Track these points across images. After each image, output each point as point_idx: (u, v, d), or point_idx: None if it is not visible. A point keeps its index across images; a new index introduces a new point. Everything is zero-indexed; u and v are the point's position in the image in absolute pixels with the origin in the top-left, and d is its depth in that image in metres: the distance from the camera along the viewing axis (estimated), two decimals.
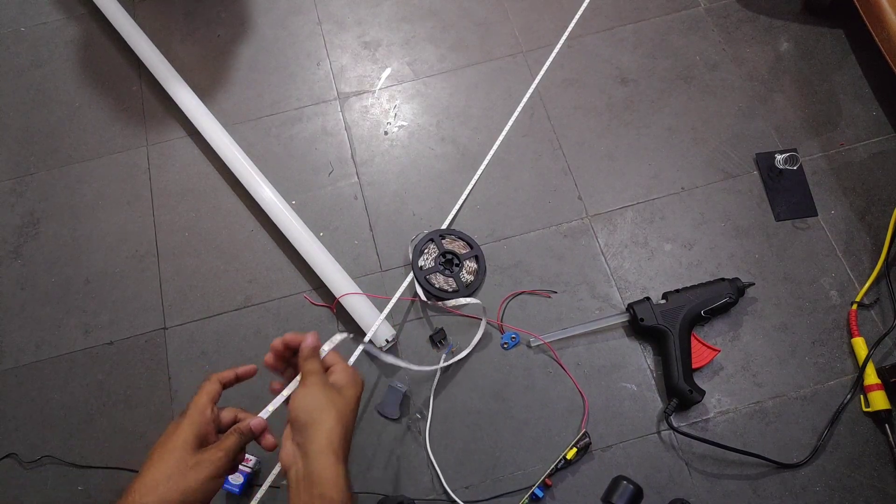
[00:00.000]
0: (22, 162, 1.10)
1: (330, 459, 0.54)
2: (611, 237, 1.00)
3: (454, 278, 0.96)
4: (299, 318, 0.96)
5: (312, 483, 0.53)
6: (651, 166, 1.05)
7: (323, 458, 0.54)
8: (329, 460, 0.54)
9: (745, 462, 0.86)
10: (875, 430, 0.87)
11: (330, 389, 0.59)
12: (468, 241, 0.99)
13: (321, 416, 0.56)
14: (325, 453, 0.54)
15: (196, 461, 0.53)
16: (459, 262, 0.97)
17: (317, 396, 0.57)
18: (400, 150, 1.08)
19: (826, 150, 1.04)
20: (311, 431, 0.55)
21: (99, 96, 1.15)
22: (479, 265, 0.97)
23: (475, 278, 0.97)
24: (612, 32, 1.15)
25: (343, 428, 0.56)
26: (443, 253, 0.97)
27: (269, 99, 1.13)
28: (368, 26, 1.18)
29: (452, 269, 0.97)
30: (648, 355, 0.93)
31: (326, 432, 0.55)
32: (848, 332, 0.93)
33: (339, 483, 0.53)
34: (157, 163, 1.09)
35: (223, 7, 1.21)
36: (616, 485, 0.83)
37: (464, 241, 0.99)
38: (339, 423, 0.56)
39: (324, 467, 0.53)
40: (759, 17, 1.15)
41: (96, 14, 1.19)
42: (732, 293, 0.91)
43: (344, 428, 0.56)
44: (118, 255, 1.02)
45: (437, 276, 0.96)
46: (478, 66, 1.14)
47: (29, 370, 0.95)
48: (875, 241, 0.97)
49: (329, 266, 0.95)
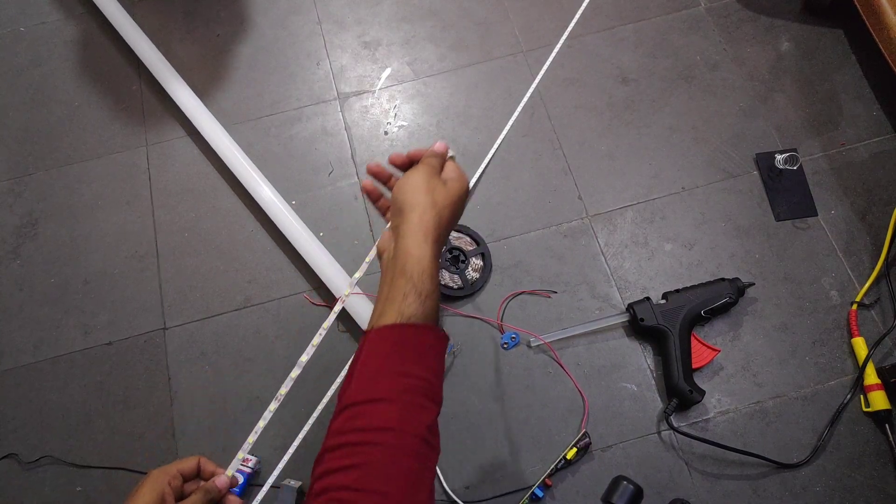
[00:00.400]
0: (21, 162, 1.10)
1: (418, 238, 0.53)
2: (611, 237, 1.00)
3: (459, 275, 0.96)
4: (299, 317, 0.96)
5: (398, 259, 0.53)
6: (651, 166, 1.05)
7: (411, 237, 0.53)
8: (417, 239, 0.53)
9: (745, 462, 0.86)
10: (875, 430, 0.87)
11: (435, 178, 0.57)
12: (475, 237, 0.99)
13: (418, 199, 0.55)
14: (415, 233, 0.53)
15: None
16: (465, 259, 0.97)
17: (419, 180, 0.56)
18: (400, 150, 1.08)
19: (826, 150, 1.04)
20: (406, 213, 0.54)
21: (99, 96, 1.15)
22: (484, 263, 0.97)
23: (480, 276, 0.96)
24: (612, 32, 1.15)
25: (438, 215, 0.54)
26: (449, 249, 0.97)
27: (269, 99, 1.13)
28: (368, 26, 1.18)
29: (458, 265, 0.97)
30: (648, 355, 0.93)
31: (420, 214, 0.54)
32: (848, 332, 0.92)
33: (423, 262, 0.52)
34: (157, 163, 1.09)
35: (222, 7, 1.21)
36: (616, 485, 0.83)
37: (470, 237, 0.99)
38: (434, 209, 0.54)
39: (411, 245, 0.52)
40: (759, 16, 1.15)
41: (96, 13, 1.19)
42: (732, 293, 0.91)
43: (439, 216, 0.54)
44: (117, 256, 1.02)
45: (442, 272, 0.96)
46: (478, 65, 1.14)
47: (28, 371, 0.95)
48: (875, 241, 0.97)
49: (329, 266, 0.95)
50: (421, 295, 0.51)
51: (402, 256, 0.52)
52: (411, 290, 0.51)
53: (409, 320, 0.50)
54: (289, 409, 0.91)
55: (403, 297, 0.51)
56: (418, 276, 0.51)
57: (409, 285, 0.51)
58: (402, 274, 0.52)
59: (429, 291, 0.52)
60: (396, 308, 0.50)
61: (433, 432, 0.48)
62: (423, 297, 0.51)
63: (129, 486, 0.88)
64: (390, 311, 0.51)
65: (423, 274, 0.51)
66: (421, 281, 0.51)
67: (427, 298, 0.51)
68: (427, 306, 0.51)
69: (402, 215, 0.55)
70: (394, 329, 0.50)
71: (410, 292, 0.51)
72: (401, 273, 0.52)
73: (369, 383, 0.48)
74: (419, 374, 0.48)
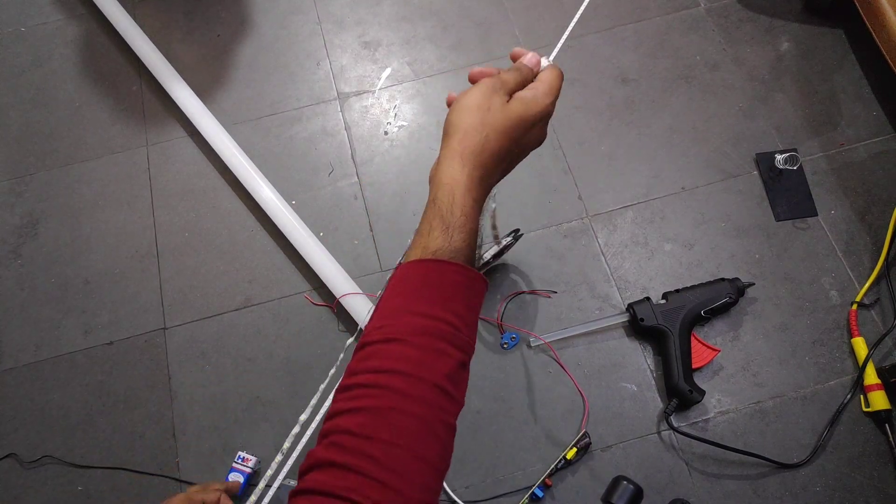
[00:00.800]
0: (21, 162, 1.10)
1: (453, 164, 0.46)
2: (611, 237, 1.00)
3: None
4: (299, 317, 0.96)
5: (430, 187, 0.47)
6: (651, 166, 1.05)
7: (446, 162, 0.47)
8: (452, 164, 0.46)
9: (745, 462, 0.86)
10: (875, 430, 0.87)
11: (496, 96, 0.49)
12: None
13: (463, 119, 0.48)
14: (451, 158, 0.47)
15: None
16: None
17: (474, 97, 0.49)
18: (400, 150, 1.08)
19: (826, 150, 1.04)
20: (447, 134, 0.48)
21: (99, 96, 1.15)
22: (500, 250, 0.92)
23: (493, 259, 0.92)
24: (612, 32, 1.15)
25: (483, 140, 0.47)
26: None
27: (269, 99, 1.13)
28: (368, 26, 1.18)
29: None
30: (648, 355, 0.93)
31: (461, 137, 0.47)
32: (848, 332, 0.92)
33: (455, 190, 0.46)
34: (158, 163, 1.09)
35: (223, 7, 1.21)
36: (616, 485, 0.83)
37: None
38: (480, 133, 0.47)
39: (444, 171, 0.46)
40: (759, 17, 1.15)
41: (96, 14, 1.19)
42: (732, 293, 0.91)
43: (484, 141, 0.47)
44: (118, 255, 1.02)
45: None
46: (478, 66, 1.14)
47: (29, 370, 0.95)
48: (875, 241, 0.97)
49: (329, 266, 0.95)
50: (449, 227, 0.45)
51: (434, 184, 0.47)
52: (438, 221, 0.45)
53: (434, 255, 0.44)
54: (289, 409, 0.91)
55: (430, 229, 0.45)
56: (447, 206, 0.45)
57: (436, 216, 0.45)
58: (431, 203, 0.46)
59: (459, 224, 0.45)
60: (422, 241, 0.45)
61: (454, 381, 0.43)
62: (450, 230, 0.45)
63: (130, 485, 0.88)
64: (416, 245, 0.46)
65: (453, 204, 0.45)
66: (450, 212, 0.45)
67: (456, 231, 0.45)
68: (455, 240, 0.45)
69: (444, 137, 0.48)
70: (418, 265, 0.45)
71: (437, 224, 0.45)
72: (431, 202, 0.46)
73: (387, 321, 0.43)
74: (441, 317, 0.43)
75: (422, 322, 0.43)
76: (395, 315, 0.44)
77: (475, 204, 0.47)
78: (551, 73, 0.53)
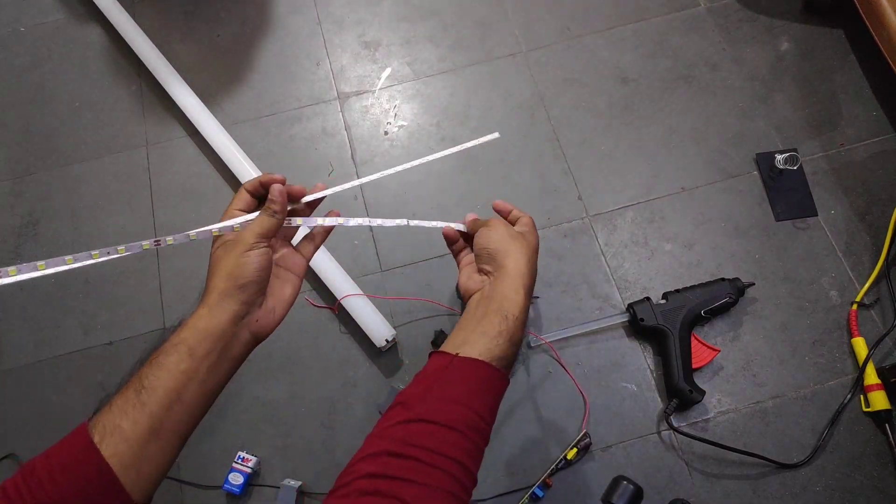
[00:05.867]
0: (21, 162, 1.10)
1: (517, 283, 0.55)
2: (611, 237, 1.00)
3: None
4: (299, 318, 0.96)
5: (493, 299, 0.54)
6: (651, 166, 1.05)
7: (510, 280, 0.55)
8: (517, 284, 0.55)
9: (745, 462, 0.86)
10: (875, 430, 0.87)
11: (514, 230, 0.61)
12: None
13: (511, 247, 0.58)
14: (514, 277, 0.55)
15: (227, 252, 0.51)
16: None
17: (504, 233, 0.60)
18: (400, 150, 1.08)
19: (826, 150, 1.04)
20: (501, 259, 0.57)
21: (99, 96, 1.15)
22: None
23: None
24: (612, 32, 1.15)
25: (528, 264, 0.57)
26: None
27: (269, 99, 1.13)
28: (368, 26, 1.18)
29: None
30: (648, 355, 0.93)
31: (516, 261, 0.56)
32: (848, 332, 0.92)
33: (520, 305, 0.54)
34: (157, 163, 1.09)
35: (222, 7, 1.21)
36: (616, 485, 0.83)
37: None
38: (526, 257, 0.57)
39: (510, 288, 0.55)
40: (759, 17, 1.15)
41: (96, 14, 1.19)
42: (732, 293, 0.91)
43: (529, 264, 0.57)
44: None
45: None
46: (478, 65, 1.14)
47: (28, 370, 0.95)
48: (875, 241, 0.97)
49: (329, 266, 0.95)
50: (512, 339, 0.52)
51: (500, 298, 0.54)
52: (505, 331, 0.52)
53: (495, 362, 0.51)
54: (289, 409, 0.91)
55: (497, 334, 0.52)
56: (514, 319, 0.53)
57: (504, 326, 0.52)
58: (497, 312, 0.53)
59: (518, 339, 0.53)
60: (486, 343, 0.52)
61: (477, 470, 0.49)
62: (512, 342, 0.52)
63: None
64: (479, 343, 0.52)
65: (518, 319, 0.53)
66: (516, 326, 0.53)
67: (515, 345, 0.53)
68: (512, 353, 0.52)
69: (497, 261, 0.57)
70: (481, 367, 0.51)
71: (504, 333, 0.52)
72: (496, 311, 0.53)
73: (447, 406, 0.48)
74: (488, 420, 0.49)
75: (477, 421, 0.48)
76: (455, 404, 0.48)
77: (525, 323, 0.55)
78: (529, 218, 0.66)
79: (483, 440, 0.49)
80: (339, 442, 0.90)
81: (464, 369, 0.50)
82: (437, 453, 0.45)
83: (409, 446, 0.45)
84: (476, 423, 0.48)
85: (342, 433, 0.90)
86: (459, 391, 0.49)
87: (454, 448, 0.46)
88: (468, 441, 0.47)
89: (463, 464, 0.45)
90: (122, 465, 0.43)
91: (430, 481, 0.43)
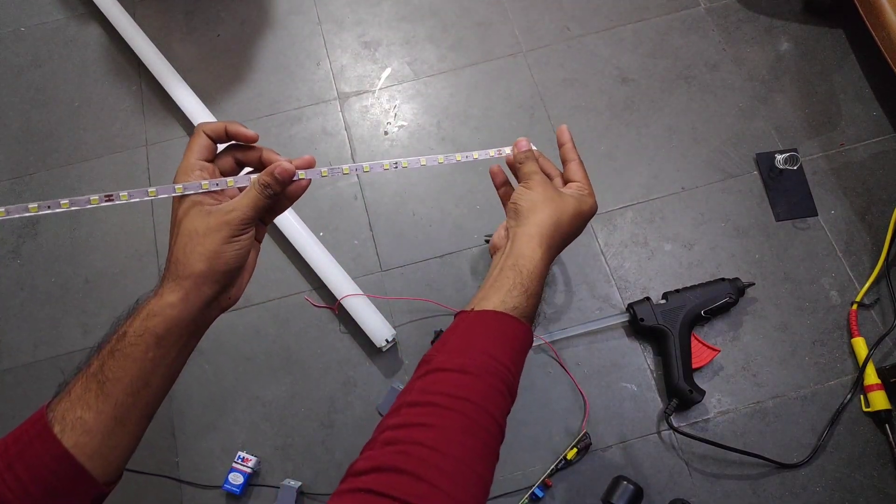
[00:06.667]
0: (21, 162, 1.10)
1: (533, 241, 0.55)
2: (611, 237, 1.00)
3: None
4: (299, 317, 0.96)
5: (509, 256, 0.55)
6: (651, 166, 1.05)
7: (527, 239, 0.56)
8: (532, 242, 0.55)
9: (745, 462, 0.86)
10: (875, 430, 0.87)
11: (552, 189, 0.60)
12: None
13: (538, 207, 0.57)
14: (531, 236, 0.56)
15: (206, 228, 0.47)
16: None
17: (541, 193, 0.59)
18: (400, 150, 1.08)
19: (826, 150, 1.04)
20: (524, 217, 0.57)
21: (99, 96, 1.15)
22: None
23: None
24: (612, 32, 1.15)
25: (555, 224, 0.57)
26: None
27: (269, 99, 1.13)
28: (368, 26, 1.18)
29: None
30: (648, 355, 0.92)
31: (538, 220, 0.56)
32: (848, 332, 0.92)
33: (535, 263, 0.54)
34: (157, 163, 1.09)
35: (223, 7, 1.21)
36: (616, 485, 0.83)
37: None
38: (552, 219, 0.57)
39: (525, 245, 0.55)
40: (759, 17, 1.15)
41: (96, 14, 1.19)
42: (732, 293, 0.91)
43: (556, 225, 0.57)
44: (117, 255, 1.02)
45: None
46: (478, 65, 1.14)
47: (27, 370, 0.95)
48: (875, 241, 0.97)
49: (329, 266, 0.95)
50: (527, 291, 0.53)
51: (515, 254, 0.55)
52: (519, 283, 0.53)
53: (511, 311, 0.52)
54: (289, 409, 0.91)
55: (511, 287, 0.53)
56: (528, 273, 0.53)
57: (517, 279, 0.53)
58: (512, 268, 0.54)
59: (534, 291, 0.54)
60: (501, 296, 0.53)
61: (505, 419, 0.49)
62: (528, 294, 0.53)
63: (128, 485, 0.87)
64: (494, 297, 0.53)
65: (533, 273, 0.54)
66: (529, 279, 0.53)
67: (531, 297, 0.53)
68: (529, 304, 0.53)
69: (520, 219, 0.57)
70: (495, 315, 0.51)
71: (518, 286, 0.53)
72: (511, 267, 0.54)
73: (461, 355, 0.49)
74: (506, 364, 0.49)
75: (492, 364, 0.48)
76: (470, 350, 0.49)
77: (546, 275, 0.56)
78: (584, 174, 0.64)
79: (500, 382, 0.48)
80: (339, 442, 0.89)
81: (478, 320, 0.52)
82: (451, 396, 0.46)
83: (425, 394, 0.46)
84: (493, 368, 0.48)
85: (342, 433, 0.90)
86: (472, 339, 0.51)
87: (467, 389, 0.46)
88: (483, 383, 0.47)
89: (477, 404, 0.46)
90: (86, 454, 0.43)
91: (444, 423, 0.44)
